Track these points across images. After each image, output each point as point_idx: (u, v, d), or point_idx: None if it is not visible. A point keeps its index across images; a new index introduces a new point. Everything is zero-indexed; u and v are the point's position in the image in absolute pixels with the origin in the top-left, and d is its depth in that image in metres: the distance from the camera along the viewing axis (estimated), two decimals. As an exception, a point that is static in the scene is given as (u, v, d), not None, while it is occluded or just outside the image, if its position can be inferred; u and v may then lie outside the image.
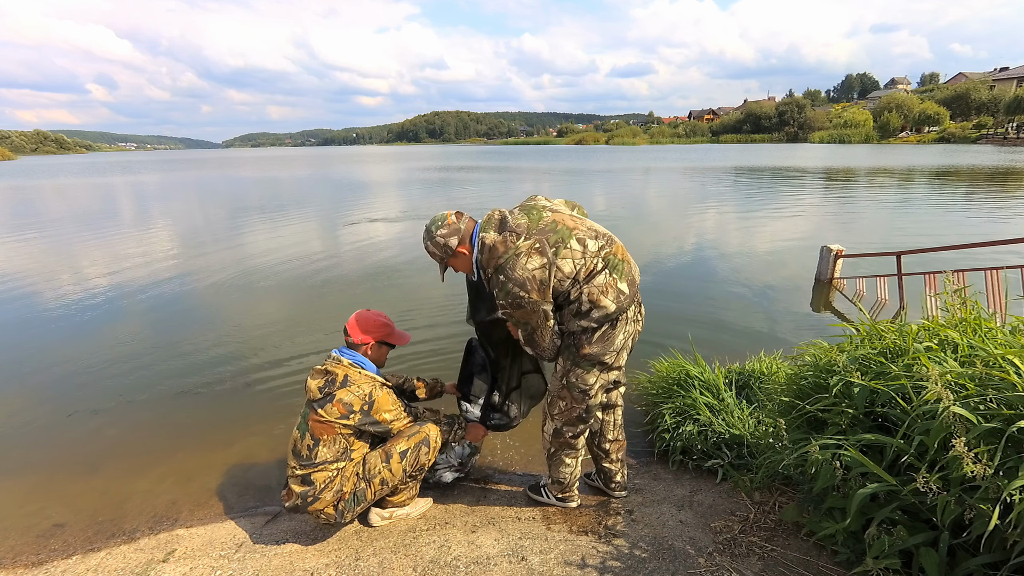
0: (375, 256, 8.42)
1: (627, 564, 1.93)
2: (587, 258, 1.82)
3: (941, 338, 1.95)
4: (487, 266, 1.82)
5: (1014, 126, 50.13)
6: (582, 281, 1.82)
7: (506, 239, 1.79)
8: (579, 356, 1.92)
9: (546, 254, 1.75)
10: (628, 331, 1.93)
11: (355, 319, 2.18)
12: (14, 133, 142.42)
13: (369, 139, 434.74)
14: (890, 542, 1.55)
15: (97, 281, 7.12)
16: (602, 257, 1.84)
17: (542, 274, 1.74)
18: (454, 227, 1.87)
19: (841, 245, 6.04)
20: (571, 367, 1.96)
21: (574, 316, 1.86)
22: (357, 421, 2.02)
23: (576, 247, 1.81)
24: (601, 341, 1.89)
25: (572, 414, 2.05)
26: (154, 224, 12.61)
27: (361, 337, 2.15)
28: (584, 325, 1.86)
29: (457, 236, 1.87)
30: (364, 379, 2.08)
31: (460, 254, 1.89)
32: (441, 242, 1.87)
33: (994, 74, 75.50)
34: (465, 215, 1.92)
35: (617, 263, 1.86)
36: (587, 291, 1.81)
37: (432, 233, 1.88)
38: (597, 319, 1.84)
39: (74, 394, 3.87)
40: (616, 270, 1.85)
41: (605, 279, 1.83)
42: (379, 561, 2.06)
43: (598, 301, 1.81)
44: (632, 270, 1.91)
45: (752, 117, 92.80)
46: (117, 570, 2.13)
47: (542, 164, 37.60)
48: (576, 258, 1.81)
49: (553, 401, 2.09)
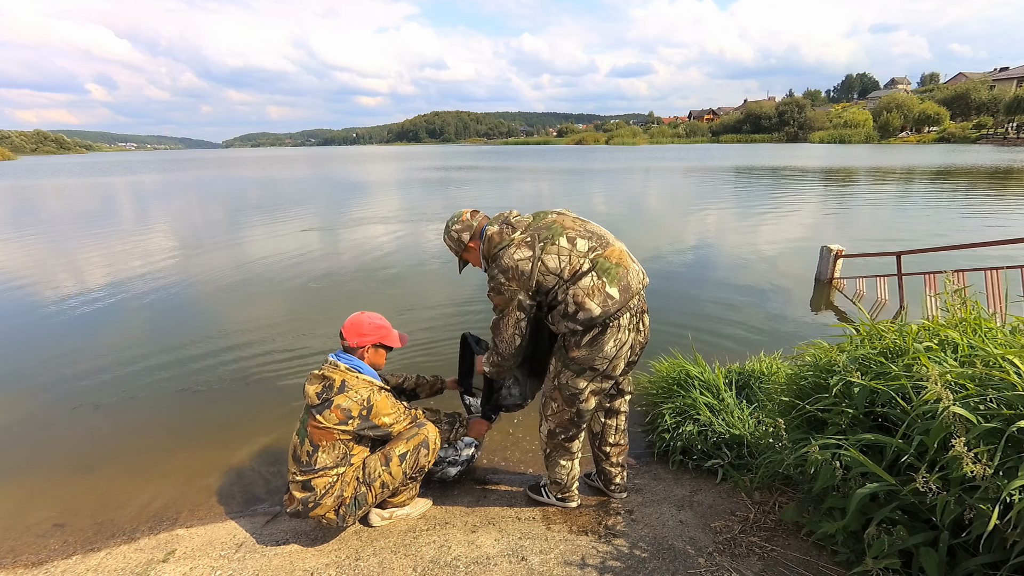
0: (374, 257, 8.43)
1: (627, 564, 1.93)
2: (573, 256, 1.83)
3: (941, 338, 1.95)
4: (486, 255, 1.96)
5: (1014, 126, 50.13)
6: (568, 280, 1.82)
7: (502, 231, 1.93)
8: (568, 358, 1.93)
9: (534, 248, 1.85)
10: (621, 339, 1.87)
11: (350, 322, 2.17)
12: (14, 133, 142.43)
13: (369, 139, 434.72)
14: (890, 542, 1.55)
15: (97, 281, 7.12)
16: (590, 258, 1.84)
17: (525, 265, 1.83)
18: (467, 223, 2.05)
19: (841, 245, 6.04)
20: (562, 368, 1.97)
21: (562, 317, 1.87)
22: (356, 427, 2.02)
23: (564, 244, 1.85)
24: (589, 346, 1.87)
25: (564, 417, 2.05)
26: (155, 224, 12.61)
27: (357, 340, 2.14)
28: (571, 327, 1.86)
29: (469, 232, 2.04)
30: (362, 384, 2.07)
31: (471, 248, 2.05)
32: (455, 236, 2.05)
33: (994, 74, 75.51)
34: (480, 213, 2.08)
35: (609, 267, 1.84)
36: (572, 292, 1.81)
37: (448, 229, 2.07)
38: (582, 321, 1.83)
39: (74, 394, 3.87)
40: (606, 274, 1.83)
41: (592, 281, 1.81)
42: (379, 561, 2.06)
43: (583, 303, 1.80)
44: (628, 276, 1.86)
45: (752, 117, 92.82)
46: (117, 570, 2.13)
47: (541, 164, 37.60)
48: (562, 255, 1.83)
49: (546, 402, 2.10)
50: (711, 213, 12.54)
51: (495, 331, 1.98)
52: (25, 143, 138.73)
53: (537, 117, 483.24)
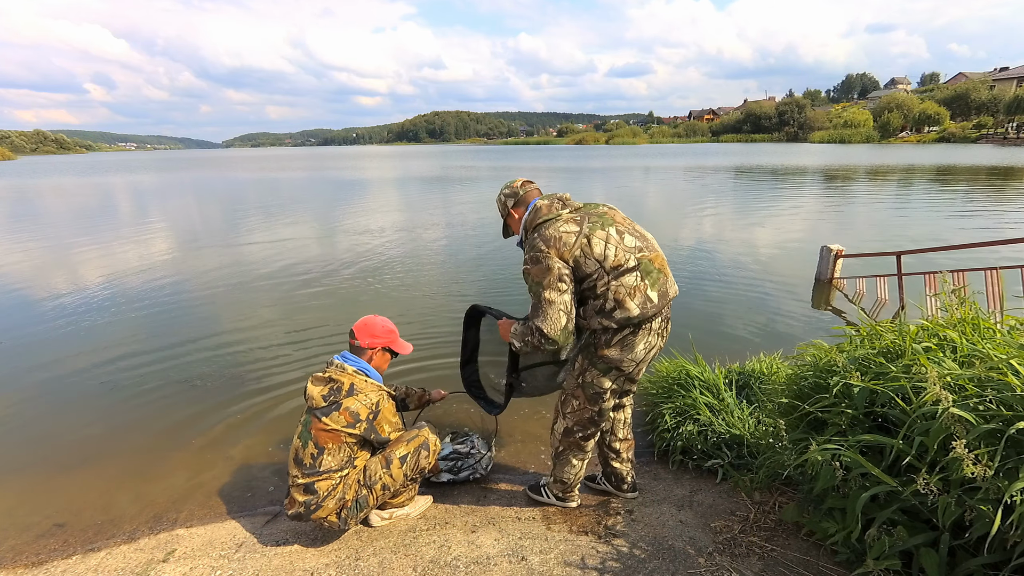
0: (373, 260, 8.42)
1: (627, 564, 1.93)
2: (620, 249, 1.82)
3: (940, 338, 1.94)
4: (529, 226, 1.96)
5: (1014, 126, 50.14)
6: (609, 273, 1.80)
7: (552, 204, 1.95)
8: (596, 356, 1.91)
9: (581, 226, 1.84)
10: (650, 342, 1.90)
11: (363, 323, 2.18)
12: (14, 133, 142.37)
13: (369, 139, 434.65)
14: (890, 543, 1.55)
15: (96, 280, 7.12)
16: (636, 257, 1.83)
17: (569, 238, 1.81)
18: (514, 191, 2.08)
19: (841, 245, 6.04)
20: (588, 366, 1.96)
21: (596, 313, 1.84)
22: (363, 430, 2.02)
23: (613, 234, 1.85)
24: (620, 346, 1.87)
25: (584, 415, 2.05)
26: (155, 224, 12.60)
27: (369, 341, 2.15)
28: (604, 324, 1.83)
29: (514, 199, 2.07)
30: (371, 388, 2.08)
31: (512, 215, 2.08)
32: (502, 200, 2.11)
33: (994, 74, 75.52)
34: (533, 185, 2.10)
35: (652, 269, 1.85)
36: (614, 288, 1.79)
37: (501, 191, 2.12)
38: (618, 320, 1.81)
39: (74, 394, 3.87)
40: (649, 276, 1.83)
41: (635, 281, 1.81)
42: (379, 561, 2.06)
43: (623, 302, 1.79)
44: (667, 283, 1.89)
45: (752, 117, 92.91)
46: (117, 570, 2.13)
47: (540, 163, 37.59)
48: (609, 243, 1.82)
49: (567, 399, 2.08)
50: (711, 212, 12.54)
51: (535, 314, 1.82)
52: (25, 143, 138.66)
53: (537, 117, 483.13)
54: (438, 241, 9.65)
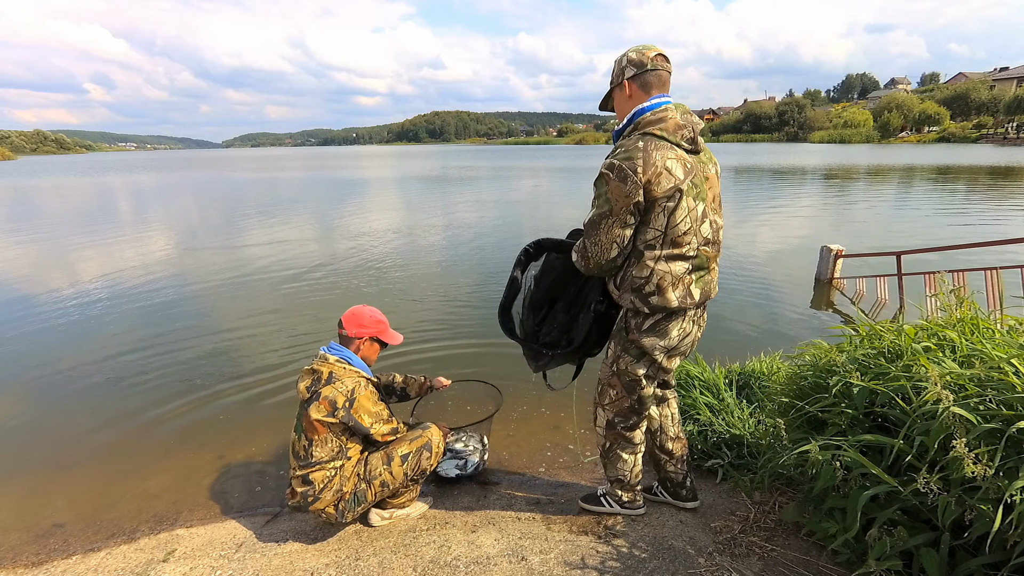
0: (372, 260, 8.42)
1: (627, 564, 1.93)
2: (691, 232, 1.64)
3: (939, 338, 1.94)
4: (640, 126, 1.64)
5: (1014, 126, 50.16)
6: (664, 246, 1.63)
7: (680, 130, 1.62)
8: (628, 342, 1.82)
9: (684, 181, 1.59)
10: (684, 329, 1.79)
11: (351, 313, 2.18)
12: (14, 133, 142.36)
13: (369, 139, 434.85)
14: (891, 543, 1.55)
15: (95, 280, 7.12)
16: (699, 248, 1.69)
17: (667, 182, 1.57)
18: (642, 61, 1.64)
19: (841, 245, 6.04)
20: (621, 353, 1.85)
21: (631, 289, 1.70)
22: (341, 417, 2.01)
23: (698, 213, 1.64)
24: (652, 332, 1.76)
25: (623, 404, 1.94)
26: (153, 223, 12.60)
27: (356, 330, 2.14)
28: (637, 306, 1.72)
29: (634, 71, 1.65)
30: (349, 374, 2.06)
31: (623, 90, 1.70)
32: (623, 63, 1.68)
33: (994, 74, 75.57)
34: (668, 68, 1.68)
35: (705, 267, 1.74)
36: (661, 272, 1.66)
37: (627, 53, 1.69)
38: (652, 306, 1.70)
39: (74, 394, 3.87)
40: (699, 272, 1.73)
41: (684, 272, 1.68)
42: (379, 561, 2.06)
43: (665, 290, 1.67)
44: (711, 283, 1.79)
45: (752, 117, 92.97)
46: (117, 570, 2.13)
47: (540, 163, 37.58)
48: (689, 218, 1.63)
49: (603, 390, 1.98)
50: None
51: (589, 230, 1.68)
52: (25, 143, 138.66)
53: (536, 117, 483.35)
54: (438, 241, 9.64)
